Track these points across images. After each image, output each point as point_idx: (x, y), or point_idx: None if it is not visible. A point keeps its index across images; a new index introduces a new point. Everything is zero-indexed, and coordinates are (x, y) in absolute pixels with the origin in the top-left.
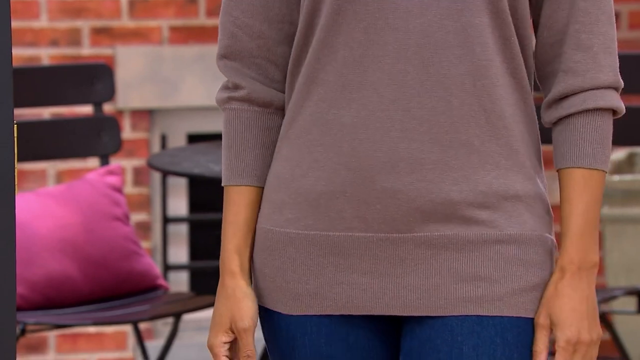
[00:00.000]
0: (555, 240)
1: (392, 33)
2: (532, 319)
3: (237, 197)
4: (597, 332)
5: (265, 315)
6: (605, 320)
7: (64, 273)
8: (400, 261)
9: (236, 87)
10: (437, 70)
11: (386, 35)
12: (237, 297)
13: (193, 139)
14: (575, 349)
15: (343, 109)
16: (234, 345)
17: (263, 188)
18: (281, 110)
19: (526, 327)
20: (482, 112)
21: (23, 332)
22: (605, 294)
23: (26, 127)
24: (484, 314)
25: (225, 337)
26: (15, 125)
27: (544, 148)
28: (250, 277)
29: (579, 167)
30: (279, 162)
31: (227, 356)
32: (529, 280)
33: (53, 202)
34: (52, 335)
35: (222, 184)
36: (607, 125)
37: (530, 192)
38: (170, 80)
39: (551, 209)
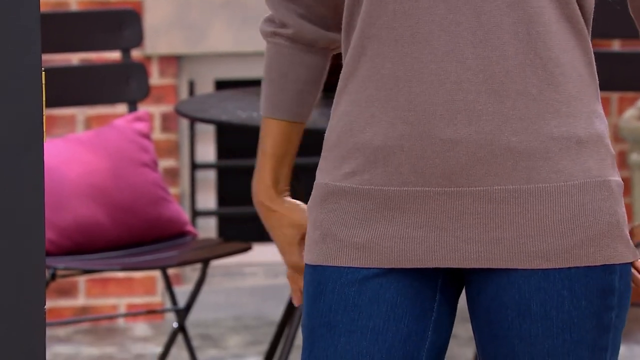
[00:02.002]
0: (620, 180)
1: None
2: (601, 266)
3: (275, 130)
4: None
5: (307, 271)
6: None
7: (93, 218)
8: (459, 215)
9: (283, 24)
10: (489, 19)
11: None
12: (277, 227)
13: (221, 85)
14: None
15: (397, 63)
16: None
17: (300, 124)
18: (326, 49)
19: (594, 275)
20: (538, 59)
21: (53, 277)
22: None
23: (55, 72)
24: (551, 267)
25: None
26: (44, 71)
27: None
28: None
29: None
30: (337, 117)
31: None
32: (596, 229)
33: (81, 148)
34: (81, 280)
35: (262, 114)
36: None
37: (593, 137)
38: (198, 25)
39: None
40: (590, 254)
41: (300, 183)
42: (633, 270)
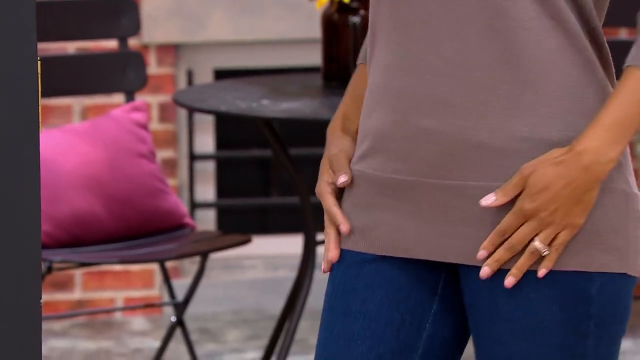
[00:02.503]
0: (626, 188)
1: None
2: (574, 272)
3: (361, 74)
4: (569, 218)
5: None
6: None
7: (90, 210)
8: (441, 207)
9: None
10: (455, 9)
11: None
12: (333, 141)
13: (220, 74)
14: (528, 218)
15: (392, 52)
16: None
17: None
18: None
19: (566, 280)
20: (512, 57)
21: (49, 269)
22: None
23: (50, 62)
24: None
25: (328, 177)
26: (39, 61)
27: None
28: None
29: (636, 66)
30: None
31: (331, 194)
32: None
33: (78, 139)
34: (78, 273)
35: (357, 62)
36: None
37: (569, 140)
38: (196, 14)
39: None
40: (559, 259)
41: (300, 174)
42: None
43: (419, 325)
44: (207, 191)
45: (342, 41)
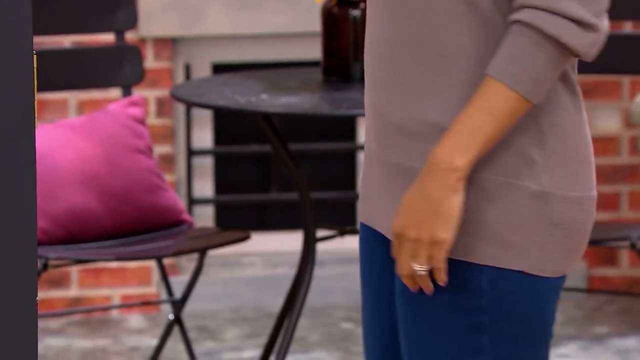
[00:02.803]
0: (535, 187)
1: None
2: (462, 261)
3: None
4: (432, 233)
5: None
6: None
7: (86, 207)
8: (380, 181)
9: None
10: None
11: None
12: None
13: (218, 68)
14: (400, 243)
15: (367, 29)
16: None
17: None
18: None
19: (454, 269)
20: (422, 38)
21: (45, 266)
22: None
23: (46, 55)
24: None
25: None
26: (35, 55)
27: (584, 78)
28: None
29: (488, 74)
30: None
31: None
32: None
33: (74, 134)
34: (74, 270)
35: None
36: (533, 46)
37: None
38: (194, 7)
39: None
40: (451, 249)
41: (300, 169)
42: None
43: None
44: (205, 187)
45: (342, 35)
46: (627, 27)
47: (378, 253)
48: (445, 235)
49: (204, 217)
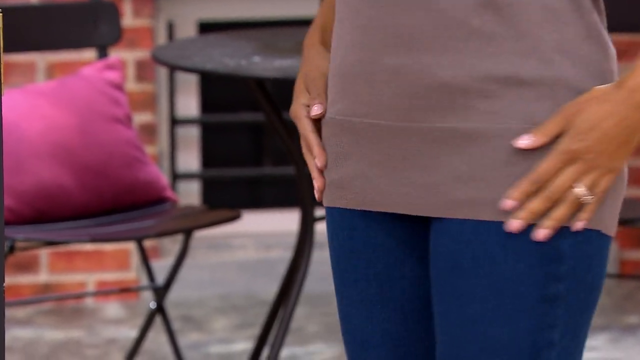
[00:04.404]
0: None
1: None
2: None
3: None
4: (613, 161)
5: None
6: None
7: (57, 182)
8: (407, 154)
9: None
10: None
11: None
12: (312, 54)
13: (205, 28)
14: (574, 161)
15: None
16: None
17: None
18: None
19: (531, 232)
20: None
21: (12, 249)
22: None
23: (12, 13)
24: (482, 219)
25: (305, 99)
26: (0, 12)
27: (624, 38)
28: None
29: None
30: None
31: (307, 118)
32: None
33: (43, 101)
34: (44, 252)
35: None
36: None
37: (547, 80)
38: None
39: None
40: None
41: (296, 141)
42: None
43: (427, 278)
44: (190, 160)
45: None
46: None
47: (380, 238)
48: (623, 166)
49: (189, 194)
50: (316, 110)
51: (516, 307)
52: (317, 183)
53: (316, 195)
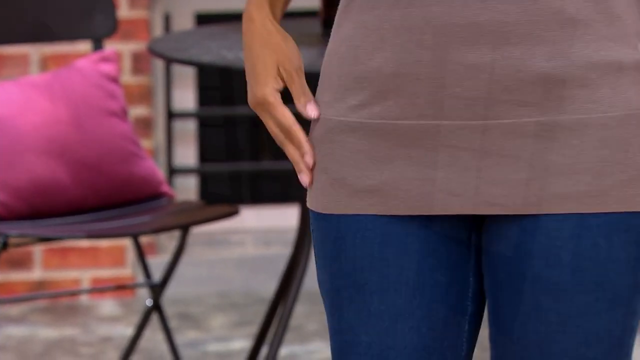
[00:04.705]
0: None
1: None
2: None
3: None
4: None
5: (315, 220)
6: None
7: (52, 177)
8: (483, 153)
9: None
10: None
11: None
12: (279, 38)
13: (202, 19)
14: None
15: None
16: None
17: None
18: None
19: (635, 223)
20: None
21: (5, 245)
22: None
23: (4, 3)
24: (587, 212)
25: (276, 84)
26: None
27: None
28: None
29: None
30: (340, 40)
31: (283, 105)
32: (638, 169)
33: (37, 94)
34: (38, 249)
35: None
36: None
37: (636, 64)
38: None
39: None
40: (630, 197)
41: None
42: None
43: (464, 282)
44: (187, 155)
45: None
46: None
47: (417, 244)
48: None
49: (187, 189)
50: (313, 110)
51: (614, 297)
52: (306, 177)
53: (307, 186)
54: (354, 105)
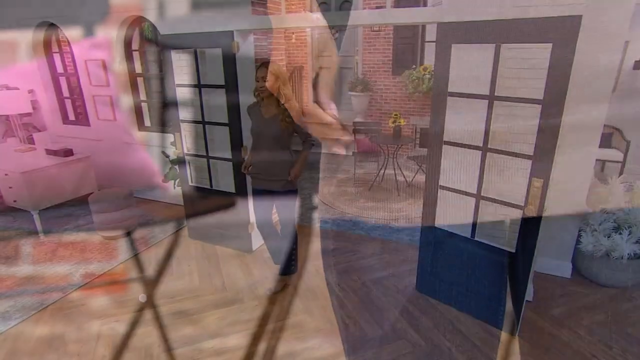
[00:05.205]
0: None
1: None
2: None
3: None
4: None
5: None
6: None
7: (43, 169)
8: None
9: None
10: None
11: None
12: None
13: None
14: None
15: None
16: None
17: None
18: None
19: None
20: None
21: None
22: None
23: None
24: None
25: None
26: None
27: None
28: None
29: None
30: None
31: None
32: None
33: (28, 82)
34: (27, 243)
35: None
36: None
37: None
38: None
39: None
40: None
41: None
42: None
43: None
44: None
45: None
46: None
47: None
48: None
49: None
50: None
51: None
52: None
53: None
54: None
